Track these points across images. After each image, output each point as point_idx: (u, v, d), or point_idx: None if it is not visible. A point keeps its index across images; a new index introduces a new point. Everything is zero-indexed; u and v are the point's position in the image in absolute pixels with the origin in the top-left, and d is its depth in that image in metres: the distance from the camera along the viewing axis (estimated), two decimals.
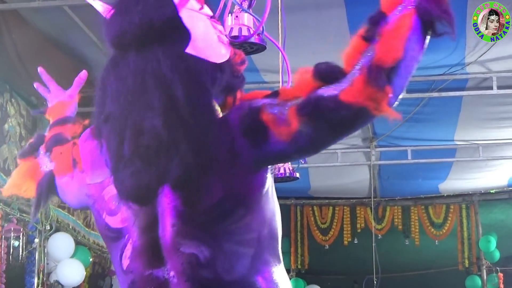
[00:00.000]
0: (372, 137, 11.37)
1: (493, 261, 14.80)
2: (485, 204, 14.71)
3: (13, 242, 9.00)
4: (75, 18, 7.87)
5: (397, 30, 2.30)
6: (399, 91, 2.39)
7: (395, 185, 13.90)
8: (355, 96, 2.27)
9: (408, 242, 15.00)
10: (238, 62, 2.61)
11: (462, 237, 15.03)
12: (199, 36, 2.48)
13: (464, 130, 11.05)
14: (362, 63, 2.33)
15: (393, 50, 2.28)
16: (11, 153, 9.20)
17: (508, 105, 10.05)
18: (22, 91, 9.39)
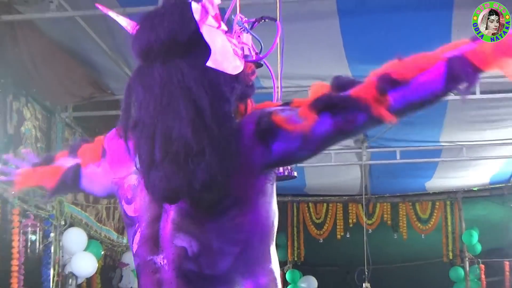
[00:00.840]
0: (364, 139, 11.37)
1: (475, 254, 14.83)
2: (468, 201, 14.74)
3: (30, 237, 9.00)
4: (86, 28, 7.86)
5: (422, 67, 2.38)
6: (400, 106, 2.42)
7: (384, 183, 13.94)
8: (363, 93, 2.36)
9: (396, 236, 15.01)
10: (250, 72, 2.71)
11: (447, 231, 15.05)
12: (218, 50, 2.50)
13: (449, 132, 11.04)
14: (378, 72, 2.43)
15: (407, 71, 2.37)
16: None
17: (490, 109, 10.03)
18: (37, 96, 9.37)
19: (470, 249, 14.79)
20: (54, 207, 9.46)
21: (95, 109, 10.12)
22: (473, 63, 2.33)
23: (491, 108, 10.01)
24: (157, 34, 2.50)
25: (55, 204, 9.49)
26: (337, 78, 2.52)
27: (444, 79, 2.31)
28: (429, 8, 7.54)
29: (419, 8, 7.55)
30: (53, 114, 9.87)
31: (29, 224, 8.92)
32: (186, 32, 2.50)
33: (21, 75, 8.46)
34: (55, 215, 9.50)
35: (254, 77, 2.75)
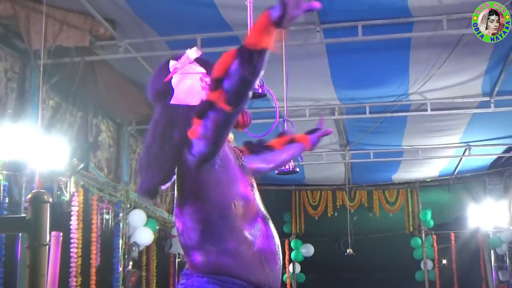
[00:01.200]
0: (346, 143, 11.36)
1: (429, 227, 14.77)
2: (423, 189, 14.68)
3: (105, 216, 9.04)
4: (145, 64, 7.88)
5: (223, 58, 2.35)
6: (233, 95, 2.35)
7: (362, 176, 13.90)
8: (208, 95, 2.39)
9: (371, 215, 14.95)
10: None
11: (408, 211, 14.97)
12: (182, 90, 2.61)
13: (409, 139, 11.02)
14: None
15: (218, 69, 2.34)
16: (103, 156, 9.24)
17: (438, 122, 10.03)
18: (110, 114, 9.43)
19: (425, 224, 14.72)
20: (122, 194, 9.51)
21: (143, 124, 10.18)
22: (246, 45, 2.30)
23: (439, 121, 10.00)
24: (149, 88, 2.71)
25: (123, 192, 9.54)
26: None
27: (237, 63, 2.29)
28: (392, 48, 7.55)
29: (384, 49, 7.56)
30: (121, 127, 9.92)
31: (104, 207, 8.99)
32: (161, 83, 2.65)
33: (98, 99, 8.53)
34: (123, 200, 9.54)
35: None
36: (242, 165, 2.73)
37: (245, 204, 2.59)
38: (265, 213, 2.68)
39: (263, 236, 2.60)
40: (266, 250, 2.59)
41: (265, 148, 3.11)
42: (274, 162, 3.16)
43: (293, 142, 3.24)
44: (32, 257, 2.21)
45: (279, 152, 3.17)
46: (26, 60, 7.14)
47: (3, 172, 6.33)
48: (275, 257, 2.62)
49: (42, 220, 2.24)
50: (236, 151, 2.78)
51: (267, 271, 2.58)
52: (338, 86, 8.64)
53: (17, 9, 6.45)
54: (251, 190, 2.66)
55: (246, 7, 6.21)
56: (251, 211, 2.61)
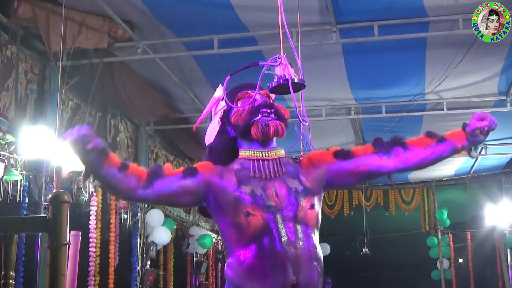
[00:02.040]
0: (362, 143, 11.25)
1: (445, 226, 14.71)
2: (439, 188, 14.62)
3: (123, 216, 9.08)
4: (163, 66, 7.91)
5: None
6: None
7: None
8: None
9: (387, 214, 14.91)
10: (235, 120, 2.88)
11: (424, 210, 14.92)
12: (208, 132, 2.97)
13: None
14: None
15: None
16: (122, 156, 9.27)
17: (454, 121, 9.94)
18: (128, 115, 9.46)
19: (441, 223, 14.66)
20: None
21: (169, 124, 10.18)
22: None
23: (455, 120, 9.94)
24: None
25: None
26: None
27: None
28: (408, 48, 7.54)
29: (400, 49, 7.54)
30: (139, 127, 9.95)
31: (122, 207, 9.01)
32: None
33: (117, 100, 8.56)
34: None
35: (240, 120, 2.83)
36: (249, 191, 2.76)
37: (238, 232, 2.74)
38: (273, 231, 2.71)
39: (255, 256, 2.70)
40: (254, 268, 2.69)
41: (398, 146, 2.90)
42: (408, 163, 2.90)
43: (443, 140, 2.94)
44: (52, 256, 2.21)
45: (418, 150, 2.90)
46: (45, 61, 7.18)
47: (23, 173, 6.37)
48: (271, 275, 2.67)
49: (62, 220, 2.25)
50: (254, 176, 2.82)
51: (255, 286, 2.70)
52: (354, 86, 8.63)
53: (37, 11, 6.49)
54: (245, 218, 2.71)
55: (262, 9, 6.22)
56: (245, 236, 2.72)
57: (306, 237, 2.73)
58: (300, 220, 2.73)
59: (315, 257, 2.75)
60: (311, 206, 2.78)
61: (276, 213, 2.72)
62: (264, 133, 2.77)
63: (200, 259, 12.44)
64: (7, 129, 6.35)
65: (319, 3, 6.48)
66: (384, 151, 2.87)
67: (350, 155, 2.90)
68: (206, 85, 8.38)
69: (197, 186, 2.78)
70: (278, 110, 2.83)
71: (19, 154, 6.25)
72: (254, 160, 2.81)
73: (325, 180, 2.89)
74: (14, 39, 6.66)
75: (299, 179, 2.82)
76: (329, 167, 2.89)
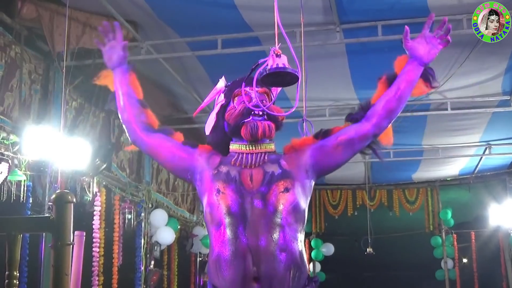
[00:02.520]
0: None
1: (449, 226, 14.69)
2: (444, 188, 14.59)
3: (127, 216, 9.07)
4: (167, 66, 7.92)
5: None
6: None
7: (382, 175, 13.87)
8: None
9: (391, 214, 14.88)
10: (230, 118, 2.93)
11: (428, 210, 14.89)
12: (207, 123, 3.00)
13: (429, 138, 10.99)
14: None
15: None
16: (126, 156, 9.28)
17: (458, 121, 9.99)
18: None
19: (445, 223, 14.65)
20: (144, 194, 9.54)
21: (173, 124, 10.17)
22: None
23: (459, 120, 9.97)
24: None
25: (145, 192, 9.57)
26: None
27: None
28: None
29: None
30: None
31: (126, 207, 9.01)
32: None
33: None
34: (145, 200, 9.56)
35: (231, 120, 2.87)
36: (225, 171, 2.82)
37: (211, 211, 2.75)
38: (238, 216, 2.69)
39: (221, 242, 2.67)
40: (220, 257, 2.67)
41: (367, 109, 2.94)
42: (380, 114, 2.91)
43: (395, 76, 3.00)
44: (56, 257, 2.22)
45: (382, 99, 2.94)
46: (49, 62, 7.19)
47: (27, 173, 6.38)
48: (231, 264, 2.63)
49: (66, 220, 2.25)
50: (234, 158, 2.88)
51: (220, 279, 2.66)
52: (358, 85, 8.62)
53: (41, 11, 6.51)
54: (216, 195, 2.74)
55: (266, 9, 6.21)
56: (215, 217, 2.72)
57: (273, 225, 2.66)
58: (269, 204, 2.69)
59: (282, 247, 2.64)
60: (285, 189, 2.73)
61: (246, 196, 2.71)
62: (253, 134, 2.81)
63: (204, 259, 12.43)
64: (11, 129, 6.35)
65: (323, 3, 6.48)
66: (358, 119, 2.90)
67: (329, 132, 2.91)
68: (210, 85, 8.35)
69: (189, 157, 2.92)
70: (270, 111, 2.83)
71: (23, 154, 6.26)
72: (239, 152, 2.86)
73: (311, 163, 2.86)
74: (18, 40, 6.68)
75: (279, 163, 2.83)
76: (312, 148, 2.88)
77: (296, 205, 2.74)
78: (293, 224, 2.71)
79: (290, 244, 2.67)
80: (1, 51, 6.45)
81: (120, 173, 8.96)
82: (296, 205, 2.74)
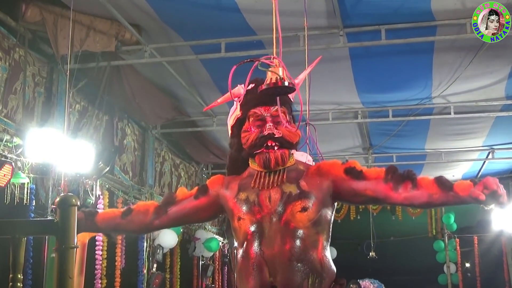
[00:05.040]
0: (369, 147, 11.32)
1: (452, 230, 14.71)
2: None
3: None
4: (170, 69, 7.93)
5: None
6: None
7: None
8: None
9: (394, 218, 14.90)
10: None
11: (431, 214, 14.92)
12: (228, 119, 3.13)
13: (432, 142, 10.98)
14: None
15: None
16: (129, 159, 9.29)
17: (461, 125, 9.98)
18: (135, 118, 9.49)
19: (448, 227, 14.67)
20: (147, 197, 9.53)
21: (177, 127, 10.19)
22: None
23: (462, 124, 9.96)
24: None
25: (148, 195, 9.57)
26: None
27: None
28: (415, 52, 7.53)
29: (408, 53, 7.54)
30: (146, 130, 9.97)
31: None
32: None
33: (124, 103, 8.58)
34: None
35: (246, 145, 2.96)
36: (244, 197, 2.95)
37: (235, 234, 2.97)
38: (256, 234, 2.85)
39: (242, 256, 2.88)
40: (241, 269, 2.88)
41: (409, 181, 2.81)
42: (413, 201, 2.81)
43: (450, 190, 2.73)
44: (60, 260, 2.22)
45: (425, 193, 2.77)
46: (53, 64, 7.21)
47: (30, 175, 6.38)
48: (251, 275, 2.81)
49: (70, 223, 2.25)
50: (255, 183, 2.97)
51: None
52: (361, 89, 8.63)
53: (45, 15, 6.52)
54: (238, 221, 2.92)
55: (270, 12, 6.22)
56: (238, 238, 2.93)
57: (290, 239, 2.78)
58: (286, 223, 2.81)
59: (298, 259, 2.76)
60: (303, 208, 2.82)
61: (265, 217, 2.85)
62: (266, 166, 2.93)
63: (206, 262, 12.44)
64: (14, 131, 6.36)
65: (326, 7, 6.49)
66: (394, 183, 2.82)
67: (361, 176, 2.89)
68: (213, 89, 8.39)
69: (209, 202, 3.07)
70: (284, 139, 2.92)
71: (26, 157, 6.26)
72: (259, 171, 2.97)
73: (333, 191, 2.92)
74: (22, 42, 6.69)
75: (298, 183, 2.90)
76: (337, 180, 2.92)
77: (317, 220, 2.87)
78: (314, 236, 2.85)
79: (308, 254, 2.80)
80: (5, 54, 6.46)
81: (123, 176, 8.97)
82: (317, 220, 2.86)
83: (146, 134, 9.95)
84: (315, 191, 2.88)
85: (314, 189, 2.88)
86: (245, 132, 2.97)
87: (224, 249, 13.33)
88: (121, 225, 3.14)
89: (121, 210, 3.21)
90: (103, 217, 3.17)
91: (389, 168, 2.88)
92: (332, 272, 2.87)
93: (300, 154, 3.16)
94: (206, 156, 11.66)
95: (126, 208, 3.21)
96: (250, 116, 2.97)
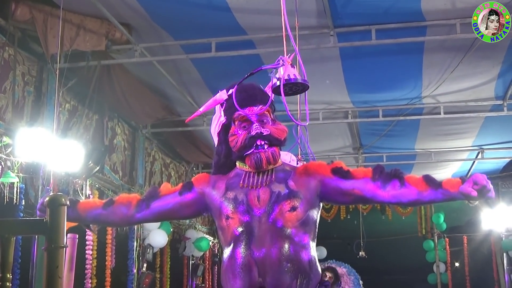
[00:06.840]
0: (359, 147, 11.34)
1: (441, 230, 14.75)
2: None
3: None
4: (160, 69, 7.91)
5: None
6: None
7: None
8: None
9: (384, 217, 14.92)
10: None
11: (421, 214, 14.96)
12: (212, 129, 3.10)
13: (421, 142, 11.01)
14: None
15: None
16: (119, 159, 9.27)
17: (451, 125, 10.01)
18: (125, 117, 9.46)
19: (438, 227, 14.71)
20: None
21: (167, 127, 10.17)
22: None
23: (452, 125, 9.99)
24: None
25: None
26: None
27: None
28: (405, 52, 7.55)
29: (398, 53, 7.56)
30: (136, 130, 9.95)
31: None
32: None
33: (114, 103, 8.56)
34: None
35: (235, 148, 2.95)
36: (232, 196, 2.94)
37: (222, 233, 2.95)
38: (245, 234, 2.84)
39: (230, 256, 2.86)
40: (227, 269, 2.86)
41: (396, 179, 2.82)
42: (401, 199, 2.81)
43: (438, 188, 2.74)
44: (50, 259, 2.21)
45: (413, 190, 2.78)
46: (43, 63, 7.18)
47: (19, 175, 6.35)
48: (239, 276, 2.80)
49: (60, 223, 2.25)
50: (245, 184, 2.96)
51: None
52: (351, 89, 8.64)
53: (35, 13, 6.49)
54: (226, 221, 2.90)
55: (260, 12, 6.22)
56: (226, 238, 2.91)
57: (279, 239, 2.79)
58: (275, 222, 2.81)
59: (287, 259, 2.76)
60: (292, 208, 2.84)
61: (254, 216, 2.84)
62: (257, 166, 2.91)
63: (197, 262, 12.43)
64: (4, 131, 6.34)
65: (317, 7, 6.49)
66: (381, 181, 2.84)
67: (348, 175, 2.92)
68: (203, 88, 8.38)
69: (194, 199, 3.04)
70: (272, 136, 2.92)
71: (15, 156, 6.23)
72: (246, 172, 2.96)
73: (320, 191, 2.94)
74: (11, 41, 6.66)
75: (286, 183, 2.91)
76: (324, 180, 2.94)
77: (305, 220, 2.87)
78: (302, 235, 2.85)
79: (298, 254, 2.80)
80: None
81: (113, 176, 8.94)
82: (305, 220, 2.87)
83: (136, 133, 9.94)
84: (303, 191, 2.89)
85: (302, 189, 2.90)
86: (232, 135, 2.95)
87: (214, 249, 13.32)
88: (102, 215, 3.11)
89: (103, 201, 3.18)
90: (84, 206, 3.15)
91: (376, 168, 2.90)
92: (319, 273, 2.89)
93: (284, 153, 3.17)
94: (196, 155, 11.65)
95: (108, 199, 3.18)
96: (235, 119, 2.97)
